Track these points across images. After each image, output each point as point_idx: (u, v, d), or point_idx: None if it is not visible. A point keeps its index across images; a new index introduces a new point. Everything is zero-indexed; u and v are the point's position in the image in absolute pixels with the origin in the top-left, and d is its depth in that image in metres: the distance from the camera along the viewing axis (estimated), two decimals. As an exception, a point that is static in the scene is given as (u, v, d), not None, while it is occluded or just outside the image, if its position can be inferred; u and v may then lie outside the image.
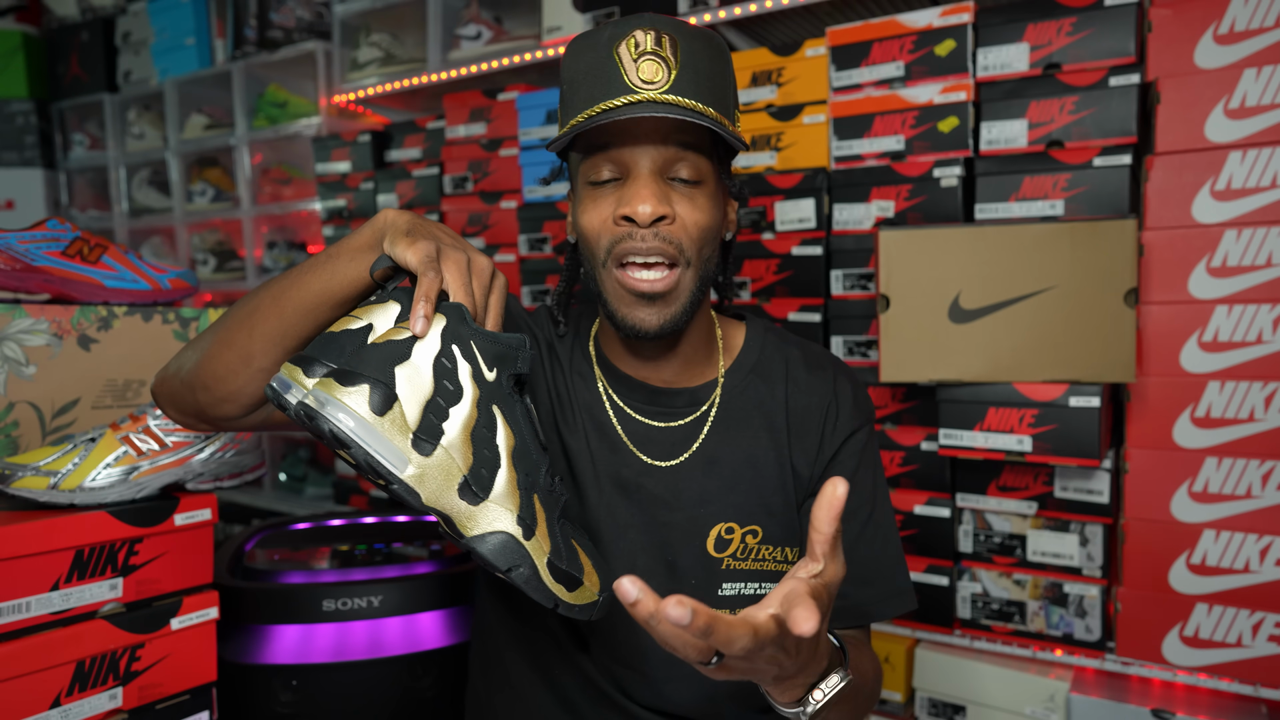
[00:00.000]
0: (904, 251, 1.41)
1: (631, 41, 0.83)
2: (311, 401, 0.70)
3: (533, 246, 1.97)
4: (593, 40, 0.87)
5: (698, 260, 0.89)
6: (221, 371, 0.84)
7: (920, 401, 1.57)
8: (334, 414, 0.69)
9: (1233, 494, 1.32)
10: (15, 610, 0.96)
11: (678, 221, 0.87)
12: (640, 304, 0.89)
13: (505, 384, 0.78)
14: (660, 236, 0.86)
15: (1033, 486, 1.46)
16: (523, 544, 0.75)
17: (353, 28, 2.45)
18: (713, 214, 0.90)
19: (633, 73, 0.83)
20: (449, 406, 0.74)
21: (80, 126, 3.41)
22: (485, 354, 0.77)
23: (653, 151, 0.86)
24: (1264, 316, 1.30)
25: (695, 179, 0.88)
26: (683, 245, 0.87)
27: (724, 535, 0.97)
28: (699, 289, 0.91)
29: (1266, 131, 1.29)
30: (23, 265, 1.18)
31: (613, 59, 0.84)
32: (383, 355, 0.73)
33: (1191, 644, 1.35)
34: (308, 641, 1.44)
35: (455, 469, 0.73)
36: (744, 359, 1.03)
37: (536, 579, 0.75)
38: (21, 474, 1.01)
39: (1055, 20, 1.43)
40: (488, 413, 0.76)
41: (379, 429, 0.70)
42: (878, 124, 1.58)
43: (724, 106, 0.87)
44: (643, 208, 0.84)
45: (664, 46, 0.83)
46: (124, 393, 1.27)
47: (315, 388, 0.71)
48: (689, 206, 0.88)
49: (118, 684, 1.04)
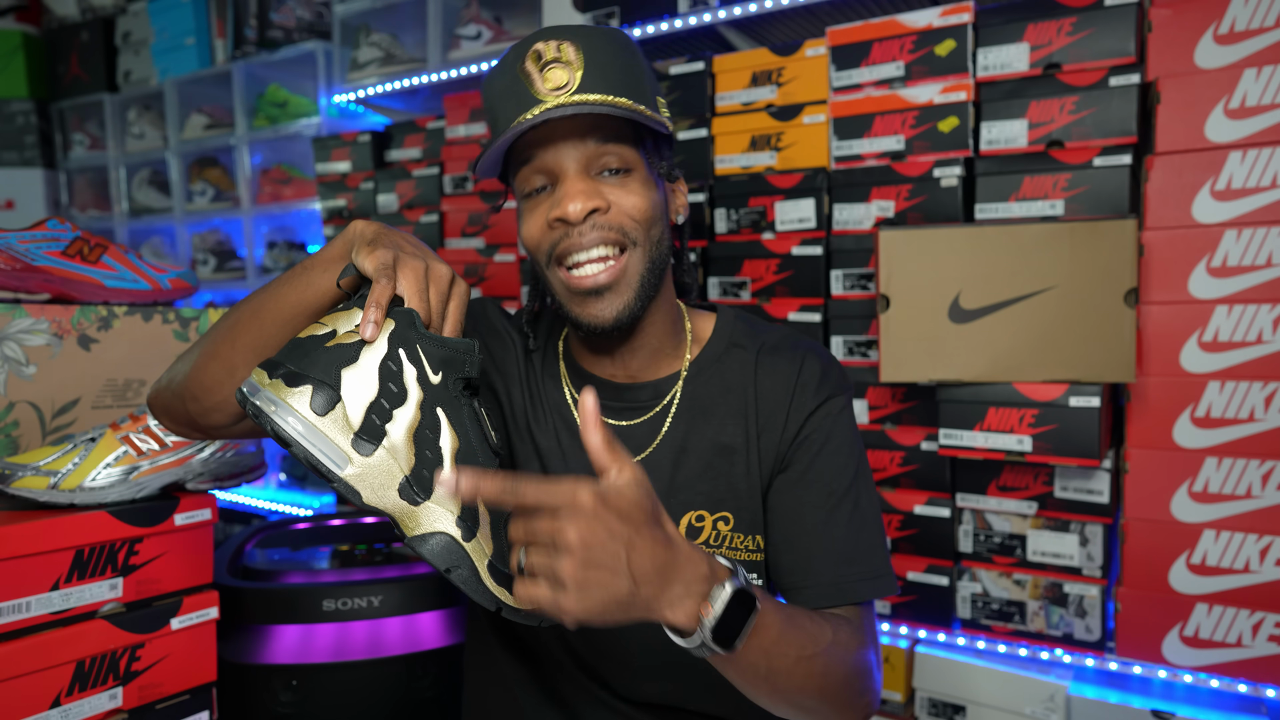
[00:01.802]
0: (904, 251, 1.41)
1: (534, 55, 0.86)
2: (261, 401, 0.73)
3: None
4: (501, 65, 0.90)
5: (645, 241, 0.90)
6: (208, 382, 0.87)
7: (920, 401, 1.57)
8: (280, 415, 0.73)
9: (1233, 494, 1.32)
10: (15, 610, 0.96)
11: (613, 209, 0.89)
12: (589, 300, 0.90)
13: (452, 387, 0.80)
14: (599, 226, 0.88)
15: (1033, 486, 1.46)
16: (462, 545, 0.76)
17: (353, 28, 2.45)
18: (648, 197, 0.90)
19: (539, 84, 0.85)
20: (392, 408, 0.76)
21: (80, 126, 3.42)
22: (431, 358, 0.79)
23: (574, 152, 0.88)
24: (1264, 316, 1.30)
25: (623, 167, 0.89)
26: (625, 229, 0.89)
27: (694, 524, 0.96)
28: (650, 272, 0.91)
29: (1266, 131, 1.29)
30: (23, 265, 1.18)
31: (519, 76, 0.87)
32: (331, 358, 0.75)
33: (1191, 644, 1.35)
34: (308, 641, 1.44)
35: (396, 469, 0.75)
36: (711, 348, 1.02)
37: (476, 580, 0.76)
38: (21, 474, 1.01)
39: (1055, 20, 1.43)
40: (432, 415, 0.78)
41: (320, 428, 0.73)
42: (878, 124, 1.58)
43: (637, 93, 0.88)
44: (572, 206, 0.86)
45: (565, 52, 0.86)
46: (124, 393, 1.27)
47: (265, 389, 0.74)
48: (622, 193, 0.89)
49: (118, 684, 1.04)
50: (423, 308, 0.79)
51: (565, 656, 1.01)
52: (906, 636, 1.60)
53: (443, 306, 0.82)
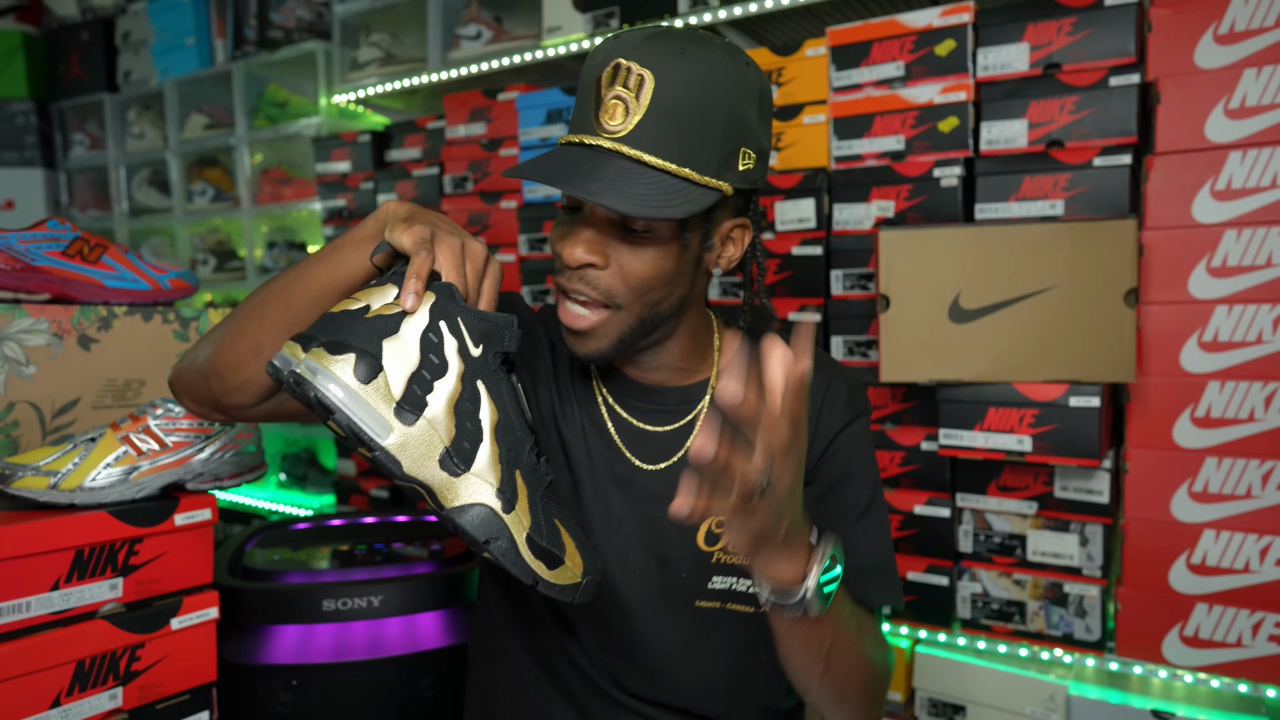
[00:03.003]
0: (904, 251, 1.41)
1: (610, 71, 0.83)
2: (302, 370, 0.73)
3: (533, 246, 1.97)
4: (599, 49, 0.87)
5: (636, 305, 0.89)
6: (233, 361, 0.87)
7: (920, 401, 1.57)
8: (322, 382, 0.72)
9: (1233, 494, 1.32)
10: (15, 610, 0.96)
11: (612, 268, 0.87)
12: (570, 335, 0.92)
13: (491, 361, 0.80)
14: (585, 281, 0.87)
15: (1033, 486, 1.46)
16: (501, 517, 0.76)
17: (353, 28, 2.45)
18: (656, 265, 0.87)
19: (600, 109, 0.83)
20: (433, 379, 0.76)
21: (80, 126, 3.42)
22: (472, 331, 0.79)
23: None
24: (1264, 316, 1.30)
25: (644, 230, 0.86)
26: (613, 292, 0.87)
27: (714, 529, 0.98)
28: (634, 332, 0.91)
29: (1266, 131, 1.29)
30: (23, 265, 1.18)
31: (593, 87, 0.85)
32: (372, 328, 0.75)
33: (1191, 644, 1.35)
34: (308, 641, 1.44)
35: (437, 440, 0.75)
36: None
37: (515, 553, 0.76)
38: (21, 474, 1.01)
39: (1055, 20, 1.43)
40: (472, 387, 0.78)
41: (363, 397, 0.73)
42: (878, 124, 1.58)
43: (695, 152, 0.83)
44: (569, 254, 0.87)
45: (631, 85, 0.82)
46: (124, 392, 1.27)
47: (306, 358, 0.74)
48: (630, 255, 0.87)
49: (118, 684, 1.04)
50: (460, 283, 0.80)
51: (580, 652, 1.01)
52: (906, 636, 1.60)
53: (478, 283, 0.83)
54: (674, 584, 0.98)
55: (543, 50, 1.99)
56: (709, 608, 0.98)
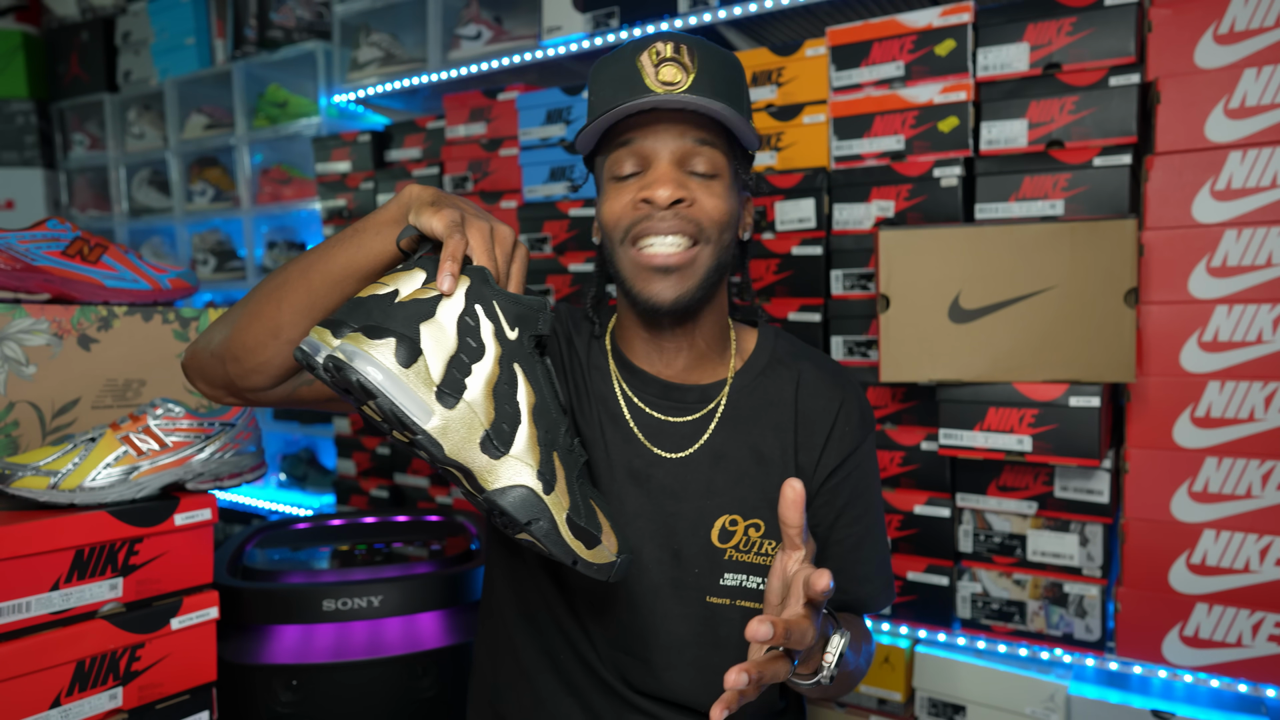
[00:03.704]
0: (904, 251, 1.41)
1: (653, 50, 0.90)
2: (341, 354, 0.73)
3: (533, 246, 1.97)
4: (616, 54, 0.94)
5: (717, 241, 0.95)
6: (251, 343, 0.89)
7: (920, 401, 1.57)
8: (362, 366, 0.72)
9: (1233, 494, 1.32)
10: (15, 610, 0.96)
11: (696, 204, 0.93)
12: (656, 276, 0.94)
13: (526, 343, 0.81)
14: (680, 216, 0.92)
15: (1033, 486, 1.46)
16: (542, 498, 0.77)
17: (353, 27, 2.45)
18: (729, 204, 0.95)
19: (653, 76, 0.90)
20: (472, 362, 0.77)
21: (80, 126, 3.42)
22: (507, 314, 0.80)
23: (672, 144, 0.92)
24: (1264, 316, 1.30)
25: (711, 172, 0.93)
26: (702, 225, 0.93)
27: (728, 527, 1.00)
28: (715, 270, 0.96)
29: (1266, 131, 1.29)
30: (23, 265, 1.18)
31: (635, 66, 0.91)
32: (409, 313, 0.76)
33: (1191, 644, 1.35)
34: (307, 641, 1.44)
35: (477, 423, 0.76)
36: (755, 361, 1.06)
37: (556, 533, 0.77)
38: (21, 474, 1.01)
39: (1055, 20, 1.43)
40: (509, 370, 0.79)
41: (404, 380, 0.73)
42: (878, 124, 1.58)
43: (739, 107, 0.93)
44: (662, 191, 0.90)
45: (682, 54, 0.90)
46: (124, 392, 1.27)
47: (344, 342, 0.74)
48: (706, 194, 0.93)
49: (118, 684, 1.04)
50: (491, 266, 0.81)
51: (588, 648, 1.02)
52: (906, 636, 1.60)
53: (507, 266, 0.85)
54: (686, 579, 0.99)
55: (543, 50, 1.99)
56: (719, 604, 0.99)
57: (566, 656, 1.04)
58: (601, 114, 0.91)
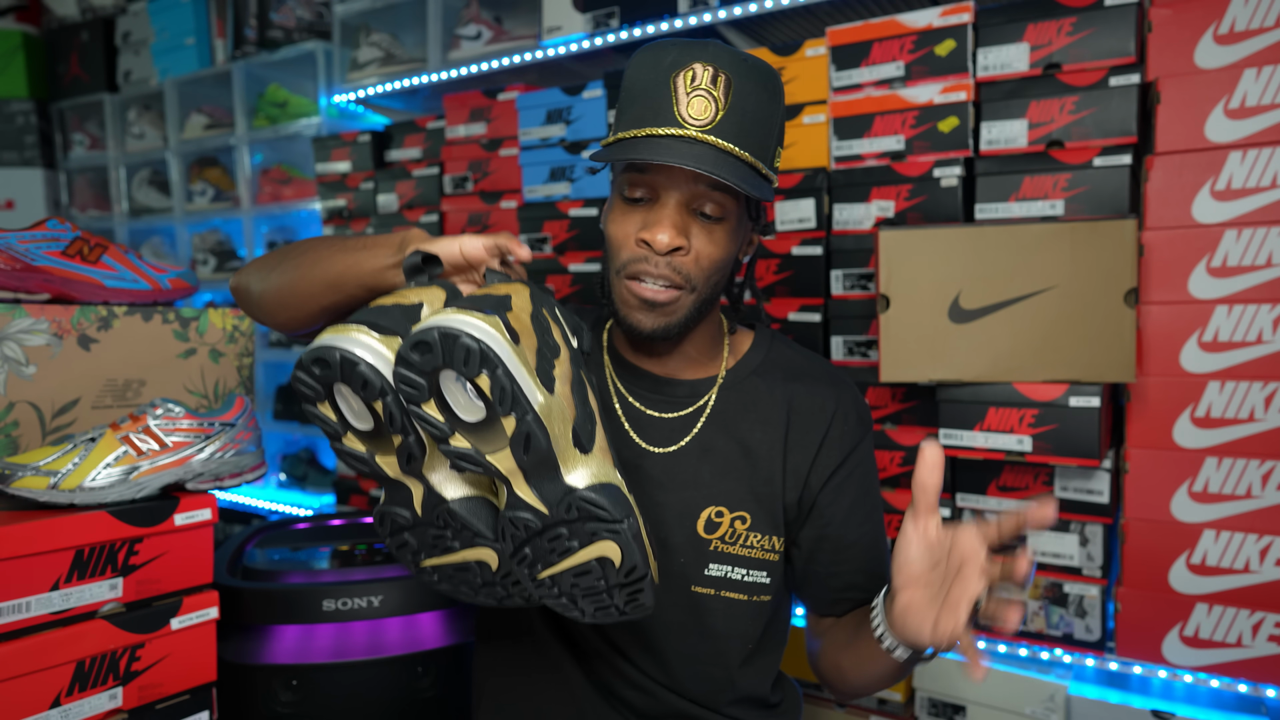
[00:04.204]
0: (904, 251, 1.41)
1: (689, 74, 0.88)
2: (449, 323, 0.68)
3: (533, 246, 1.97)
4: (657, 59, 0.91)
5: (703, 288, 0.96)
6: (270, 306, 0.99)
7: (920, 401, 1.57)
8: (479, 334, 0.67)
9: (1233, 494, 1.32)
10: (15, 610, 0.96)
11: (691, 254, 0.93)
12: (642, 308, 0.95)
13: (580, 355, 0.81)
14: (671, 266, 0.92)
15: (1033, 486, 1.46)
16: (629, 498, 0.75)
17: (353, 27, 2.44)
18: (728, 248, 0.95)
19: (683, 106, 0.88)
20: (553, 358, 0.75)
21: (80, 126, 3.41)
22: (567, 322, 0.81)
23: (683, 185, 0.91)
24: (1264, 316, 1.30)
25: (718, 216, 0.93)
26: (690, 275, 0.94)
27: (714, 518, 1.01)
28: (697, 311, 0.97)
29: (1266, 131, 1.29)
30: (23, 265, 1.18)
31: (668, 86, 0.89)
32: (487, 302, 0.72)
33: (1191, 644, 1.35)
34: (308, 642, 1.44)
35: (567, 414, 0.73)
36: (748, 360, 1.07)
37: (640, 536, 0.74)
38: (21, 474, 1.01)
39: (1055, 20, 1.43)
40: (577, 373, 0.78)
41: (515, 356, 0.69)
42: (878, 124, 1.58)
43: (763, 149, 0.92)
44: (661, 237, 0.90)
45: (718, 86, 0.88)
46: (124, 393, 1.27)
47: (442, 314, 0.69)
48: (705, 240, 0.93)
49: (118, 684, 1.04)
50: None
51: (603, 644, 1.04)
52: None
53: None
54: (671, 568, 1.01)
55: (543, 50, 1.99)
56: (703, 594, 1.01)
57: (557, 638, 1.06)
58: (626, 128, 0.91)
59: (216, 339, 1.36)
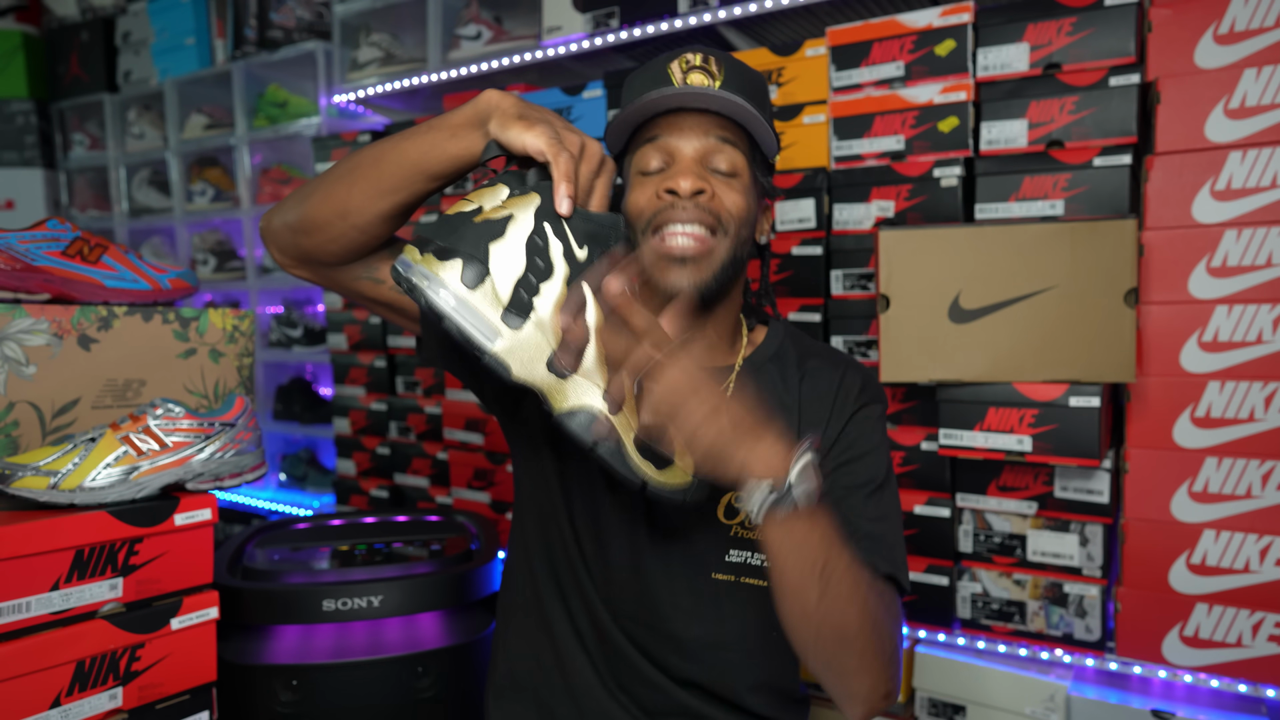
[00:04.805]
0: (904, 251, 1.41)
1: (683, 60, 0.97)
2: (415, 277, 0.76)
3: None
4: (646, 65, 1.00)
5: (734, 234, 0.98)
6: (320, 220, 0.94)
7: (920, 401, 1.57)
8: (433, 288, 0.75)
9: (1233, 494, 1.32)
10: (15, 610, 0.96)
11: (716, 198, 0.97)
12: (674, 266, 0.96)
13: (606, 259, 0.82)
14: (700, 206, 0.95)
15: (1033, 486, 1.46)
16: (608, 419, 0.78)
17: (353, 27, 2.44)
18: (746, 201, 0.99)
19: (680, 80, 0.96)
20: (539, 283, 0.78)
21: (80, 126, 3.41)
22: (577, 232, 0.80)
23: (696, 141, 0.97)
24: (1264, 316, 1.30)
25: (731, 170, 0.98)
26: (721, 216, 0.97)
27: (734, 503, 1.01)
28: (731, 264, 0.99)
29: (1267, 131, 1.29)
30: (23, 265, 1.18)
31: (665, 72, 0.97)
32: (479, 233, 0.77)
33: (1191, 644, 1.35)
34: (308, 642, 1.44)
35: (545, 344, 0.78)
36: (764, 350, 1.09)
37: (620, 456, 0.78)
38: (21, 474, 1.01)
39: (1055, 20, 1.43)
40: (576, 291, 0.79)
41: (470, 302, 0.75)
42: (878, 124, 1.58)
43: (763, 112, 0.99)
44: (684, 182, 0.94)
45: (710, 64, 0.96)
46: (124, 393, 1.27)
47: (418, 264, 0.76)
48: (725, 189, 0.98)
49: (118, 684, 1.04)
50: (571, 185, 0.82)
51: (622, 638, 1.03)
52: (906, 636, 1.60)
53: (590, 183, 0.86)
54: (692, 555, 1.01)
55: (543, 50, 1.99)
56: (723, 580, 1.01)
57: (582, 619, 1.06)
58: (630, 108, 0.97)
59: (216, 339, 1.36)
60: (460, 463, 2.14)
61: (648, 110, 0.96)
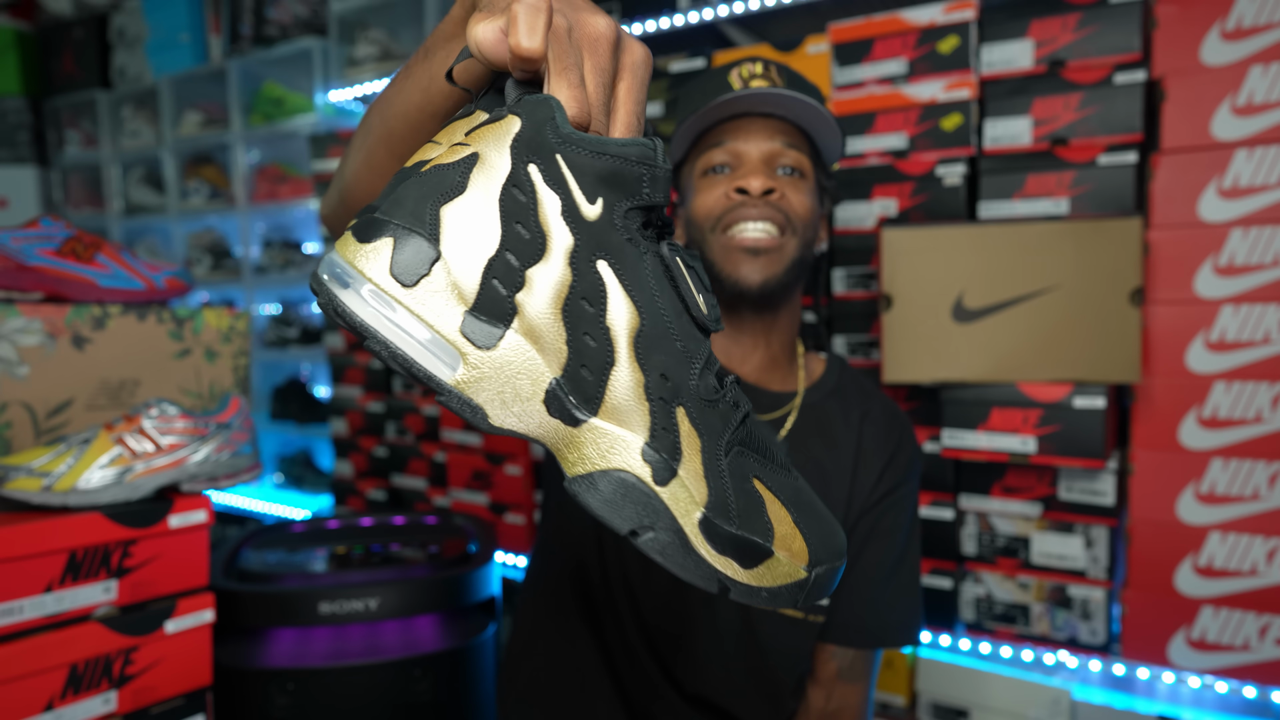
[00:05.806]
0: (907, 250, 1.40)
1: (743, 68, 1.00)
2: (324, 273, 0.46)
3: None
4: (706, 74, 1.04)
5: (802, 234, 1.01)
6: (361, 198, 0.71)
7: (923, 402, 1.56)
8: (343, 290, 0.45)
9: (1239, 496, 1.31)
10: (8, 613, 0.94)
11: (785, 198, 0.99)
12: (745, 258, 0.98)
13: (622, 223, 0.48)
14: (771, 205, 0.98)
15: (1037, 488, 1.45)
16: (654, 490, 0.47)
17: (349, 24, 2.43)
18: (812, 203, 1.02)
19: (742, 87, 0.98)
20: (525, 266, 0.46)
21: (74, 124, 3.39)
22: (583, 175, 0.47)
23: (762, 144, 1.00)
24: (1271, 316, 1.29)
25: (798, 170, 1.01)
26: (790, 215, 0.99)
27: None
28: (798, 264, 1.02)
29: (1274, 129, 1.28)
30: (16, 264, 1.16)
31: (725, 80, 0.99)
32: (424, 190, 0.46)
33: (1198, 647, 1.34)
34: (304, 645, 1.43)
35: (540, 367, 0.47)
36: (824, 382, 1.11)
37: (681, 548, 0.47)
38: (14, 475, 0.99)
39: (1059, 17, 1.42)
40: (589, 275, 0.47)
41: (409, 306, 0.45)
42: (880, 121, 1.56)
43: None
44: (755, 181, 0.97)
45: (770, 72, 1.00)
46: (118, 393, 1.26)
47: (331, 252, 0.46)
48: (792, 190, 1.00)
49: (112, 687, 1.03)
50: (576, 95, 0.47)
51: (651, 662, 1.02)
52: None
53: (604, 93, 0.49)
54: None
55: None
56: (761, 610, 1.01)
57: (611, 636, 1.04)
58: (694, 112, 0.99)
59: (212, 339, 1.34)
60: (458, 464, 2.12)
61: (715, 115, 0.98)
